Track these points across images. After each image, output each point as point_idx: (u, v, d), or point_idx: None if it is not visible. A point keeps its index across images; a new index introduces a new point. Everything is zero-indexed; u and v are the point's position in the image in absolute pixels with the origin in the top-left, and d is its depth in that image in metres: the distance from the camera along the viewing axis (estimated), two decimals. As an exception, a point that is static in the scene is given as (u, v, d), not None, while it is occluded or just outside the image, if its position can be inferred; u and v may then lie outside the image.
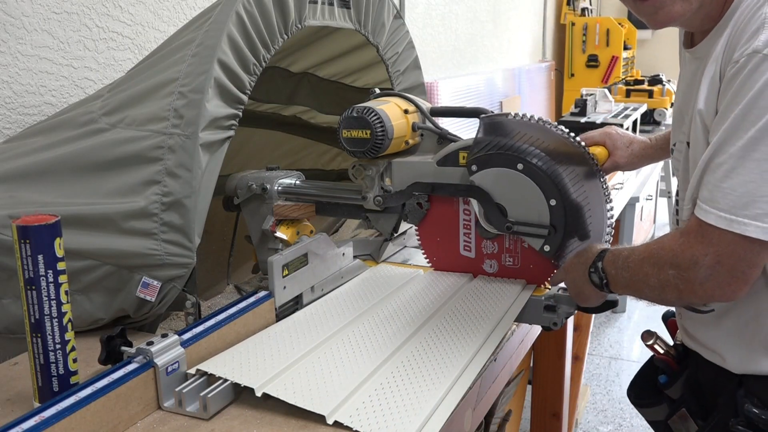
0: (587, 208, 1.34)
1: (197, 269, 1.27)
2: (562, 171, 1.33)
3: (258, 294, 1.30)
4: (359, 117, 1.36)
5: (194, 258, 1.25)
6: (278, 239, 1.47)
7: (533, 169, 1.32)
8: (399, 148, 1.44)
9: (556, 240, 1.35)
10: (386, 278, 1.52)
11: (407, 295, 1.42)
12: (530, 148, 1.33)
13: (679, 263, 1.05)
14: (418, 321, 1.29)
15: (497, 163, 1.35)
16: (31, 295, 1.00)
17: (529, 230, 1.36)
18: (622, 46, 6.17)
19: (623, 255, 1.17)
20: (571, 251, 1.36)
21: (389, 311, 1.34)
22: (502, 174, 1.35)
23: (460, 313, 1.33)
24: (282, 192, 1.48)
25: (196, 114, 1.24)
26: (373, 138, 1.36)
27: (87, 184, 1.30)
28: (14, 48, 1.62)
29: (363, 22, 1.68)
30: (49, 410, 0.92)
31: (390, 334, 1.24)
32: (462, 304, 1.37)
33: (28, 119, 1.66)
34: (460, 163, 1.39)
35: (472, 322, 1.30)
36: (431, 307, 1.36)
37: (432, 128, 1.47)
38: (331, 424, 0.98)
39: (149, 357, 1.04)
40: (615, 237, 3.96)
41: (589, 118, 4.25)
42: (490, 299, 1.39)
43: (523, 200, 1.35)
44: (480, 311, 1.34)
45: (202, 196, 1.25)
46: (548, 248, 1.36)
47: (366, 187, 1.42)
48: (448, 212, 1.47)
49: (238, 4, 1.30)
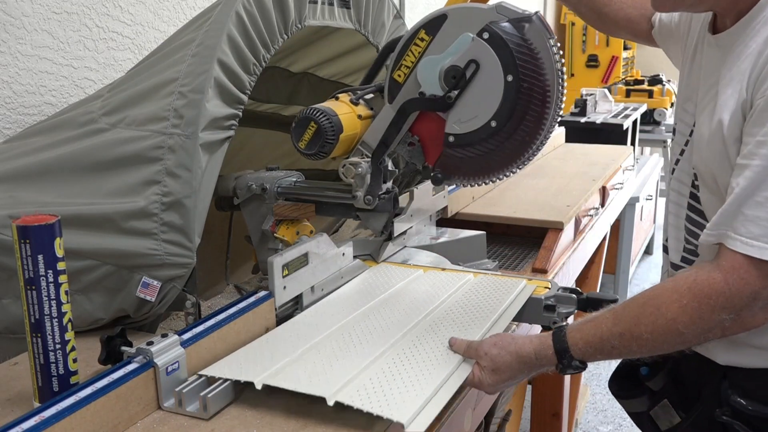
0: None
1: (197, 269, 1.27)
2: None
3: (258, 294, 1.30)
4: (300, 120, 1.35)
5: (194, 258, 1.25)
6: (278, 239, 1.47)
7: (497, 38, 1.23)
8: (357, 129, 1.41)
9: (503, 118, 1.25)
10: (386, 277, 1.52)
11: (408, 292, 1.43)
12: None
13: (735, 303, 1.03)
14: (418, 314, 1.31)
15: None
16: (31, 295, 1.00)
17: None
18: (622, 46, 6.17)
19: (598, 328, 1.11)
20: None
21: (390, 307, 1.35)
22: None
23: (462, 308, 1.35)
24: (281, 192, 1.48)
25: (196, 114, 1.24)
26: (321, 128, 1.33)
27: (87, 184, 1.30)
28: (14, 48, 1.62)
29: (363, 22, 1.68)
30: (49, 410, 0.92)
31: (390, 326, 1.25)
32: (464, 300, 1.39)
33: (28, 119, 1.66)
34: (401, 82, 1.32)
35: (473, 315, 1.31)
36: (432, 301, 1.37)
37: (365, 89, 1.43)
38: (331, 405, 0.98)
39: (149, 357, 1.04)
40: (614, 237, 3.97)
41: (589, 118, 4.25)
42: (490, 296, 1.40)
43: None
44: (481, 307, 1.35)
45: (202, 196, 1.25)
46: (494, 123, 1.26)
47: (356, 185, 1.41)
48: (434, 123, 1.36)
49: (238, 4, 1.30)
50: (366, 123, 1.41)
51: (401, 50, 1.31)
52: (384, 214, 1.47)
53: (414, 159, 1.39)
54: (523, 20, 1.22)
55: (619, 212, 3.21)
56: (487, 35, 1.22)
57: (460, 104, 1.26)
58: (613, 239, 3.66)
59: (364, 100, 1.43)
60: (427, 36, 1.29)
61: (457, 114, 1.27)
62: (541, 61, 1.22)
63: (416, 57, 1.30)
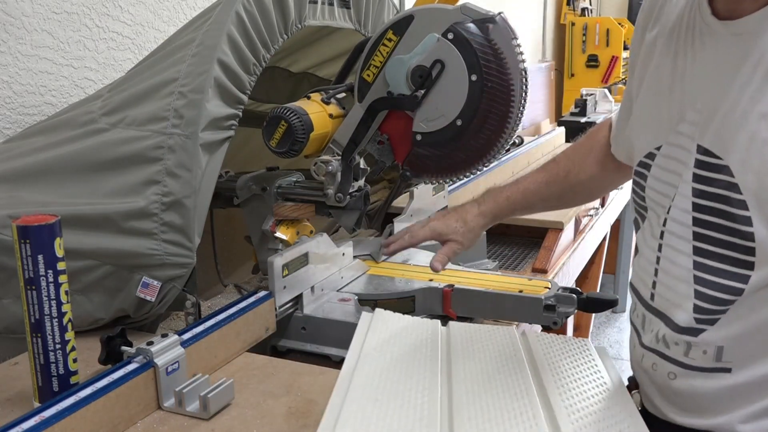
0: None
1: (197, 269, 1.27)
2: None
3: (258, 294, 1.30)
4: (271, 119, 1.36)
5: (194, 258, 1.25)
6: (278, 239, 1.47)
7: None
8: (328, 128, 1.42)
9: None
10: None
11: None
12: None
13: None
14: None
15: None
16: (31, 295, 1.00)
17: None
18: (622, 46, 6.16)
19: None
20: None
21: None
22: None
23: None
24: (281, 192, 1.48)
25: (196, 114, 1.24)
26: (291, 127, 1.34)
27: (87, 184, 1.30)
28: (14, 48, 1.62)
29: (363, 22, 1.68)
30: (49, 410, 0.92)
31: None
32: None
33: (28, 119, 1.66)
34: (370, 81, 1.35)
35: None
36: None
37: (337, 88, 1.45)
38: None
39: (149, 357, 1.04)
40: (614, 237, 3.97)
41: (589, 118, 4.25)
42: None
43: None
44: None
45: (201, 196, 1.25)
46: (460, 122, 1.28)
47: (327, 183, 1.42)
48: (403, 122, 1.38)
49: (238, 4, 1.30)
50: (337, 122, 1.43)
51: (370, 50, 1.34)
52: (355, 211, 1.47)
53: (383, 157, 1.42)
54: (487, 21, 1.24)
55: (619, 212, 3.21)
56: (452, 35, 1.24)
57: (427, 103, 1.29)
58: (613, 239, 3.66)
59: (336, 99, 1.46)
60: (394, 36, 1.32)
61: (424, 113, 1.30)
62: (505, 61, 1.24)
63: (384, 57, 1.33)
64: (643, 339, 1.05)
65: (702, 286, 0.92)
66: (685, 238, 0.94)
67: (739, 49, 0.89)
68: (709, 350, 0.93)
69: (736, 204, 0.87)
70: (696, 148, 0.93)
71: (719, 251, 0.90)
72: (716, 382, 0.94)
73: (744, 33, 0.88)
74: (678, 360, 0.97)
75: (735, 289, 0.89)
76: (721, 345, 0.92)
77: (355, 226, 1.50)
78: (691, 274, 0.93)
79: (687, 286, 0.94)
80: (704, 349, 0.94)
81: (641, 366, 1.07)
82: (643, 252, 1.04)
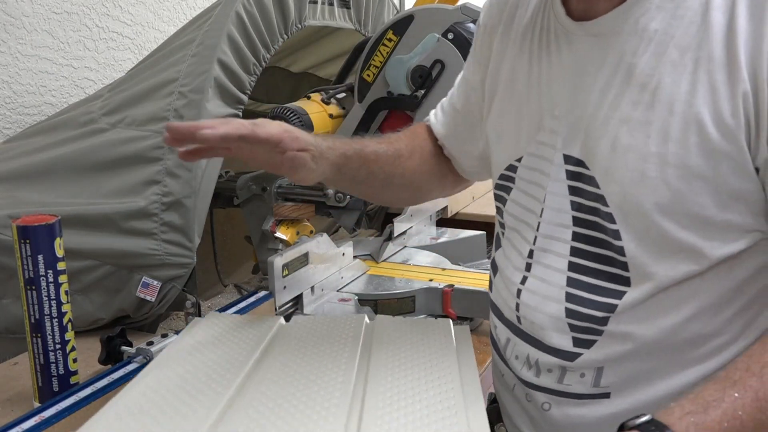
0: None
1: (197, 269, 1.27)
2: None
3: (258, 294, 1.30)
4: (270, 119, 1.36)
5: (194, 258, 1.25)
6: (278, 239, 1.47)
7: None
8: (328, 128, 1.42)
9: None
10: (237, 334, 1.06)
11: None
12: None
13: None
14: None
15: None
16: (31, 295, 1.00)
17: None
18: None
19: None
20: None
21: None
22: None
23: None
24: (281, 192, 1.48)
25: (196, 114, 1.24)
26: None
27: (87, 184, 1.30)
28: (14, 48, 1.62)
29: (363, 22, 1.69)
30: (49, 410, 0.92)
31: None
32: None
33: (28, 119, 1.66)
34: (370, 81, 1.36)
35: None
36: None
37: (337, 88, 1.45)
38: None
39: (149, 357, 1.04)
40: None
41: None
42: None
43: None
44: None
45: (201, 196, 1.25)
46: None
47: None
48: (402, 122, 1.38)
49: (238, 4, 1.30)
50: (337, 122, 1.43)
51: (370, 50, 1.34)
52: (355, 211, 1.48)
53: None
54: None
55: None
56: (452, 35, 1.24)
57: (427, 103, 1.30)
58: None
59: (336, 99, 1.46)
60: (394, 36, 1.32)
61: (424, 113, 1.30)
62: None
63: (384, 57, 1.33)
64: (511, 364, 0.93)
65: (574, 303, 0.84)
66: (561, 254, 0.85)
67: (597, 51, 0.81)
68: (588, 374, 0.84)
69: (605, 217, 0.80)
70: (563, 159, 0.84)
71: (595, 266, 0.82)
72: (595, 409, 0.85)
73: (600, 34, 0.81)
74: (551, 388, 0.87)
75: (608, 306, 0.81)
76: (601, 366, 0.83)
77: (355, 226, 1.50)
78: (563, 291, 0.84)
79: (557, 306, 0.85)
80: (582, 372, 0.84)
81: (504, 383, 0.96)
82: (505, 272, 0.93)
